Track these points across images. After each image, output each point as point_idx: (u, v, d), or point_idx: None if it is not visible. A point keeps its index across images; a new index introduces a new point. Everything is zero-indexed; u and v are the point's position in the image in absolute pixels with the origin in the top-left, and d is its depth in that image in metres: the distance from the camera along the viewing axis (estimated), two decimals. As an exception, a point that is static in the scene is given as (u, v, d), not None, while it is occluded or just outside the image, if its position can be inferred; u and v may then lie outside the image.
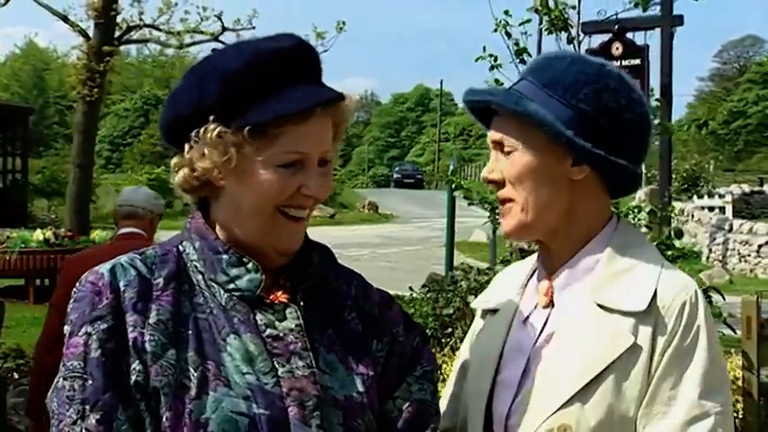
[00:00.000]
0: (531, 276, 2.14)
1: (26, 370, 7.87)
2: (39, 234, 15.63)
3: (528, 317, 2.06)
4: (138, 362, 1.71)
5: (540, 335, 2.00)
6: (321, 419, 1.76)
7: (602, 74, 1.97)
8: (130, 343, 1.72)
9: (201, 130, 1.77)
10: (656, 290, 1.92)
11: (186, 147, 1.80)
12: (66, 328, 1.77)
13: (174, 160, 1.86)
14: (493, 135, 2.02)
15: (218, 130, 1.76)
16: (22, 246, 15.27)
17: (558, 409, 1.87)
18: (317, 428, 1.75)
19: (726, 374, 2.00)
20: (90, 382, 1.69)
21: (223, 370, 1.73)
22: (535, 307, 2.06)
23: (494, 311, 2.15)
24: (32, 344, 8.80)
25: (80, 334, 1.73)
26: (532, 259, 2.17)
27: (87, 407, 1.67)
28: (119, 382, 1.70)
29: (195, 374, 1.71)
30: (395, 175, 71.28)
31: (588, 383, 1.87)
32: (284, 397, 1.74)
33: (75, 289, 1.80)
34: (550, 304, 2.03)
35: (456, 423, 2.16)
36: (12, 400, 6.86)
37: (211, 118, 1.76)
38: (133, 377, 1.70)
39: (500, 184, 2.02)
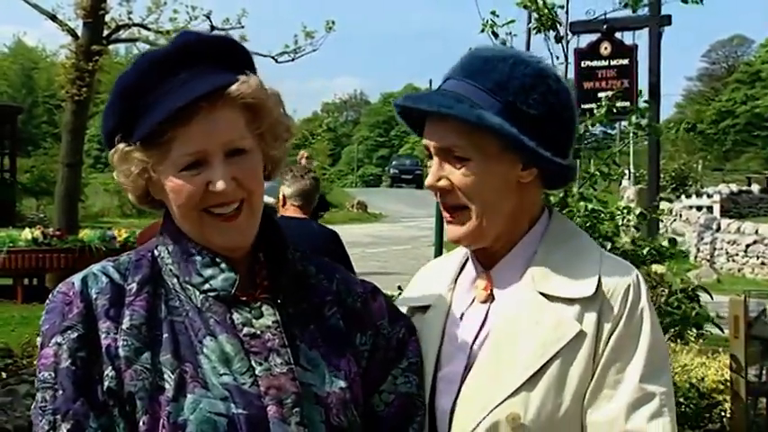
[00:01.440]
0: (461, 272, 2.14)
1: (14, 369, 7.84)
2: (27, 233, 15.58)
3: (465, 312, 2.06)
4: (110, 368, 1.71)
5: (480, 329, 2.01)
6: (301, 416, 1.76)
7: (544, 74, 1.98)
8: (103, 349, 1.73)
9: (111, 152, 1.80)
10: (599, 276, 1.94)
11: None
12: (39, 340, 1.78)
13: None
14: (438, 142, 1.98)
15: (119, 150, 1.79)
16: (11, 245, 15.22)
17: (506, 399, 1.88)
18: (296, 426, 1.75)
19: (668, 355, 2.03)
20: (60, 392, 1.69)
21: (200, 372, 1.73)
22: (472, 302, 2.06)
23: (424, 309, 2.14)
24: (20, 343, 8.80)
25: (51, 344, 1.74)
26: (457, 254, 2.17)
27: (58, 417, 1.68)
28: (90, 391, 1.70)
29: (172, 377, 1.71)
30: (391, 171, 60.28)
31: (535, 372, 1.88)
32: (262, 396, 1.74)
33: (47, 300, 1.81)
34: (490, 298, 2.03)
35: None
36: (0, 400, 6.83)
37: (117, 138, 1.78)
38: (106, 383, 1.71)
39: (447, 191, 2.00)
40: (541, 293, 1.95)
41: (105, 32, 18.00)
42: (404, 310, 2.19)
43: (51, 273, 15.70)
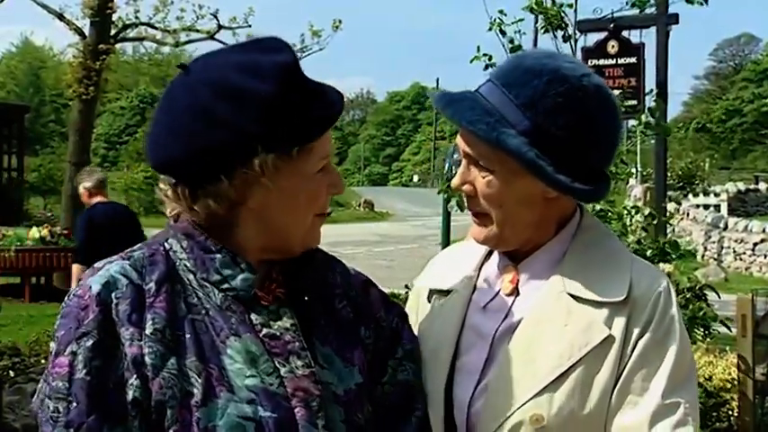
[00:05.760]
0: (486, 260, 2.12)
1: (22, 368, 7.86)
2: (34, 232, 15.65)
3: (489, 303, 2.04)
4: (135, 376, 1.66)
5: (502, 322, 1.99)
6: (326, 419, 1.74)
7: (581, 93, 1.91)
8: (129, 358, 1.67)
9: (256, 161, 1.70)
10: (630, 281, 1.93)
11: (224, 178, 1.71)
12: (53, 345, 1.72)
13: (193, 193, 1.75)
14: (466, 148, 1.97)
15: (272, 157, 1.71)
16: (18, 244, 15.28)
17: (530, 399, 1.87)
18: (323, 429, 1.73)
19: (694, 365, 2.01)
20: (74, 404, 1.64)
21: (224, 373, 1.70)
22: (496, 294, 2.04)
23: (444, 293, 2.12)
24: (28, 342, 8.83)
25: (66, 353, 1.68)
26: None
27: (71, 430, 1.64)
28: (104, 403, 1.65)
29: (199, 381, 1.68)
30: (454, 170, 51.37)
31: (561, 374, 1.87)
32: (290, 398, 1.72)
33: (63, 303, 1.76)
34: (515, 292, 2.02)
35: None
36: (7, 399, 6.84)
37: (260, 147, 1.70)
38: (130, 393, 1.66)
39: (471, 196, 2.00)
40: (570, 295, 1.93)
41: (112, 31, 18.05)
42: (425, 291, 2.18)
43: (59, 272, 15.77)
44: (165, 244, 1.83)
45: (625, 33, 9.20)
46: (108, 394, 1.66)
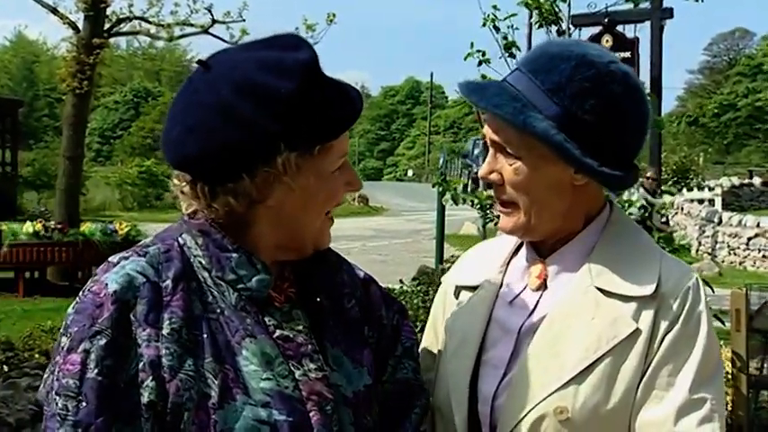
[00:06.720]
0: (513, 256, 2.12)
1: (16, 363, 7.84)
2: (28, 227, 15.61)
3: (515, 298, 2.04)
4: (151, 378, 1.64)
5: (528, 317, 1.99)
6: (340, 424, 1.74)
7: (608, 79, 1.91)
8: (146, 359, 1.65)
9: (279, 159, 1.70)
10: (659, 275, 1.92)
11: (246, 176, 1.71)
12: (65, 341, 1.68)
13: (212, 190, 1.74)
14: (492, 135, 1.97)
15: (294, 156, 1.71)
16: (12, 238, 15.24)
17: (554, 392, 1.87)
18: None
19: (721, 361, 2.01)
20: (84, 404, 1.62)
21: (240, 375, 1.68)
22: (524, 288, 2.04)
23: (471, 288, 2.12)
24: (22, 336, 8.82)
25: (79, 350, 1.65)
26: (511, 238, 2.13)
27: (79, 430, 1.61)
28: (114, 404, 1.63)
29: (216, 382, 1.66)
30: (474, 168, 36.24)
31: (587, 367, 1.87)
32: (305, 401, 1.71)
33: (77, 299, 1.73)
34: (543, 287, 2.01)
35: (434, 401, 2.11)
36: (1, 393, 6.84)
37: (282, 146, 1.70)
38: (146, 395, 1.63)
39: (498, 184, 1.99)
40: (598, 288, 1.93)
41: (106, 26, 18.01)
42: (452, 287, 2.18)
43: (53, 266, 15.78)
44: (180, 239, 1.81)
45: (619, 28, 9.21)
46: (118, 395, 1.64)
